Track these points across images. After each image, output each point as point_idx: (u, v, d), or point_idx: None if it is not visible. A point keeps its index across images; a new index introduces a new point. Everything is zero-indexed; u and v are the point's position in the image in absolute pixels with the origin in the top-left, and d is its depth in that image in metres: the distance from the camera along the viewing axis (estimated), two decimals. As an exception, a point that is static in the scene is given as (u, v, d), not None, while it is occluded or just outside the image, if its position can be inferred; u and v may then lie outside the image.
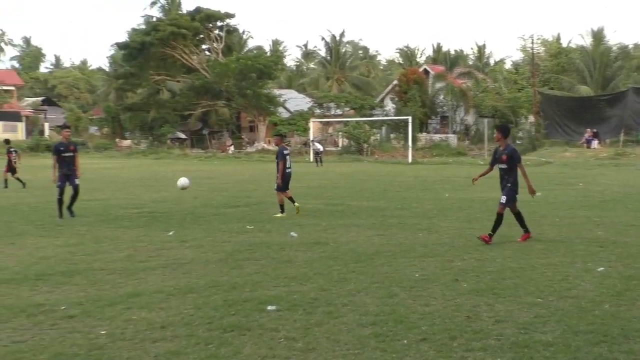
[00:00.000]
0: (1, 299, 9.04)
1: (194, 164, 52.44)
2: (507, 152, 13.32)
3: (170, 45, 72.19)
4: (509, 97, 68.06)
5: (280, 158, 18.67)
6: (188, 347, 6.94)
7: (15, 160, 29.60)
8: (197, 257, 12.09)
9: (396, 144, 64.87)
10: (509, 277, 10.21)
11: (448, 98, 73.03)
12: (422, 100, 69.92)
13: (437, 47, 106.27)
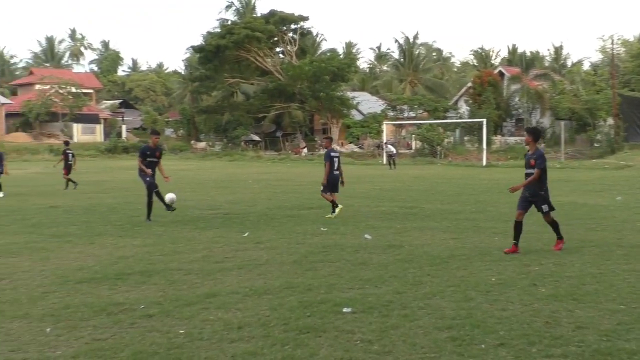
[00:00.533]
0: (82, 297, 9.24)
1: (267, 166, 52.84)
2: (535, 156, 12.80)
3: (244, 48, 72.84)
4: (586, 99, 66.65)
5: (327, 160, 19.12)
6: (264, 347, 6.98)
7: (72, 162, 30.16)
8: (272, 259, 12.16)
9: (470, 147, 64.26)
10: (589, 282, 10.00)
11: (523, 100, 71.96)
12: (496, 102, 69.10)
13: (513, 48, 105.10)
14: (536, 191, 12.74)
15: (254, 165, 55.07)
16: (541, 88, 71.78)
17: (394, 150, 51.46)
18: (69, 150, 30.79)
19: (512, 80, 73.96)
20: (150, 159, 18.26)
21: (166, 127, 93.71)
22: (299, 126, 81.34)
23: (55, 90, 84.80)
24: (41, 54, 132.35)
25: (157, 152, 18.53)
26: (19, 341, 7.27)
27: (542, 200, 12.76)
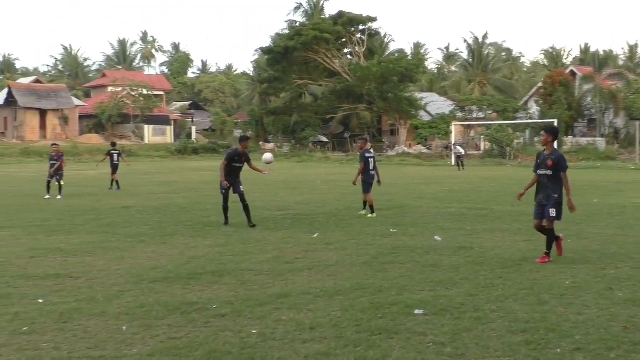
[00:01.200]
0: (156, 296, 9.39)
1: (335, 167, 52.92)
2: (553, 157, 11.89)
3: (313, 49, 73.11)
4: (663, 98, 65.15)
5: (362, 160, 19.75)
6: (337, 348, 6.98)
7: (117, 163, 30.57)
8: (342, 260, 12.17)
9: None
10: (668, 287, 9.75)
11: (596, 100, 70.59)
12: (568, 102, 67.96)
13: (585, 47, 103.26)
14: (550, 194, 11.85)
15: (322, 166, 55.21)
16: (615, 88, 70.36)
17: (463, 151, 51.02)
18: (114, 150, 31.27)
19: (584, 80, 72.62)
20: (235, 164, 17.43)
21: (235, 128, 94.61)
22: (367, 127, 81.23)
23: (127, 92, 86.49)
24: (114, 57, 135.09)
25: (244, 158, 17.64)
26: (97, 339, 7.41)
27: (552, 204, 11.83)
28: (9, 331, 7.71)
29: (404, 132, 74.02)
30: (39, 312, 8.51)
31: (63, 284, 10.27)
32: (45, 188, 26.03)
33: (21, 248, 13.69)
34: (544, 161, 11.99)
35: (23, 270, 11.32)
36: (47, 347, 7.13)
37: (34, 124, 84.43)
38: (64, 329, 7.81)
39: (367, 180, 19.57)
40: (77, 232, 16.11)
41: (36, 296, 9.39)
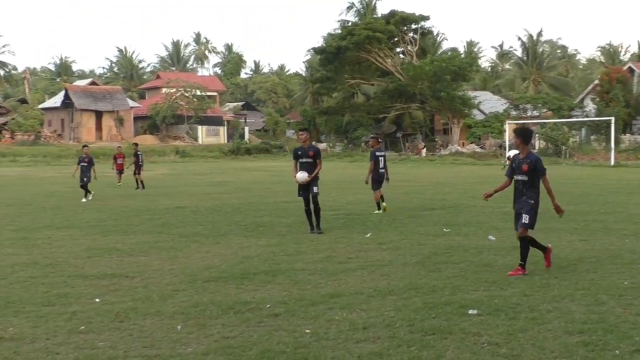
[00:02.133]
0: (210, 295, 9.46)
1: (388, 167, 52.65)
2: (529, 161, 10.95)
3: (365, 49, 72.98)
4: None
5: (372, 159, 20.21)
6: (390, 348, 6.96)
7: (142, 163, 31.55)
8: (395, 260, 12.13)
9: (597, 146, 62.31)
10: None
11: (655, 97, 69.23)
12: (625, 100, 66.79)
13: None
14: (526, 200, 11.01)
15: (375, 165, 54.97)
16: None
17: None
18: (138, 151, 31.90)
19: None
20: (302, 159, 16.05)
21: (287, 128, 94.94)
22: (420, 126, 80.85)
23: (180, 93, 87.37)
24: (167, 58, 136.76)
25: (311, 152, 16.06)
26: (152, 338, 7.49)
27: (527, 210, 10.94)
28: (67, 330, 7.84)
29: (456, 131, 73.47)
30: (95, 311, 8.64)
31: (119, 283, 10.42)
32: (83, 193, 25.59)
33: (78, 248, 13.91)
34: (519, 165, 11.09)
35: (80, 270, 11.50)
36: (104, 345, 7.23)
37: (90, 125, 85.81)
38: (120, 328, 7.92)
39: (376, 179, 20.17)
40: (133, 232, 16.32)
41: (93, 295, 9.54)
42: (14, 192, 29.55)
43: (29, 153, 67.37)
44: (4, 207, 22.63)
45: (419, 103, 75.45)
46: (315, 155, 15.96)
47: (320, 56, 77.48)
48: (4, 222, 18.54)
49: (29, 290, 9.92)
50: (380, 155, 20.58)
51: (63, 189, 31.08)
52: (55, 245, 14.38)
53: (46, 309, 8.83)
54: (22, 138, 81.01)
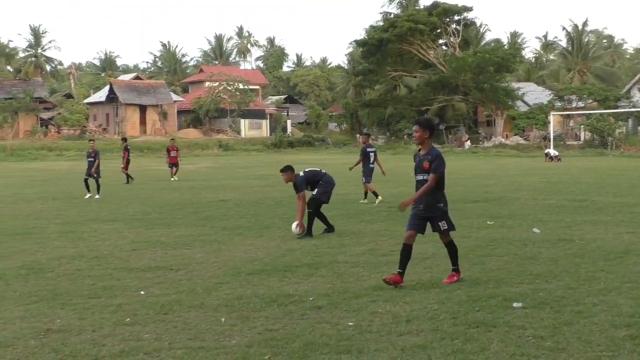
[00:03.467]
0: (254, 288, 9.50)
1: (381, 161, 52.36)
2: (430, 157, 9.63)
3: (407, 41, 72.65)
4: None
5: (362, 155, 21.60)
6: (434, 341, 6.93)
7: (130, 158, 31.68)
8: (438, 252, 12.04)
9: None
10: None
11: None
12: (674, 89, 65.67)
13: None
14: (433, 203, 9.67)
15: (417, 158, 54.69)
16: None
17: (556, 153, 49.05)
18: (128, 146, 32.19)
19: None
20: None
21: (329, 121, 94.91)
22: (463, 119, 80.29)
23: (223, 87, 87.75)
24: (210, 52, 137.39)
25: None
26: (196, 330, 7.55)
27: (440, 215, 9.75)
28: (113, 322, 7.94)
29: (500, 123, 72.82)
30: (140, 304, 8.73)
31: (163, 276, 10.52)
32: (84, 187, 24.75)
33: (123, 241, 14.08)
34: (419, 164, 9.78)
35: (125, 263, 11.64)
36: (149, 337, 7.31)
37: (134, 119, 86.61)
38: (165, 320, 7.99)
39: (367, 173, 21.38)
40: (177, 225, 16.46)
41: (138, 288, 9.64)
42: (60, 186, 29.97)
43: (75, 147, 68.17)
44: (51, 201, 22.97)
45: (462, 95, 74.94)
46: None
47: (363, 48, 77.27)
48: (51, 216, 18.82)
49: (75, 283, 10.06)
50: (371, 151, 21.81)
51: (108, 183, 31.43)
52: (100, 238, 14.57)
53: (92, 301, 8.95)
54: (68, 132, 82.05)
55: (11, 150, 62.83)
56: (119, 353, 6.81)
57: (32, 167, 47.67)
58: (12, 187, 29.09)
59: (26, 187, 28.78)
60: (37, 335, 7.46)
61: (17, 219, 18.24)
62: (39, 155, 61.26)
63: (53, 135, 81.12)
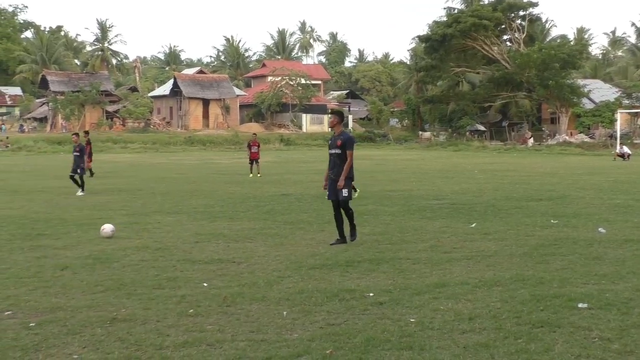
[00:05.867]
0: (315, 282, 9.53)
1: (493, 156, 51.99)
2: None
3: (471, 36, 72.04)
4: None
5: None
6: (497, 340, 6.86)
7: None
8: (500, 250, 11.95)
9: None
10: None
11: None
12: None
13: None
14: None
15: (479, 155, 54.36)
16: None
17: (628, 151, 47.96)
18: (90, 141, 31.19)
19: None
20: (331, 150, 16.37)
21: (391, 117, 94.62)
22: (526, 116, 79.25)
23: (285, 81, 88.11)
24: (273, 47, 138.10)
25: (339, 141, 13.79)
26: (258, 323, 7.60)
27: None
28: (177, 312, 8.04)
29: (564, 121, 71.71)
30: (203, 295, 8.82)
31: (226, 268, 10.61)
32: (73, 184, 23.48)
33: (186, 233, 14.24)
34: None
35: (188, 255, 11.77)
36: (212, 329, 7.38)
37: (197, 113, 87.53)
38: (227, 312, 8.06)
39: None
40: (239, 218, 16.58)
41: (201, 280, 9.74)
42: (125, 178, 30.45)
43: (139, 140, 69.26)
44: (116, 193, 23.35)
45: (525, 92, 74.02)
46: (343, 144, 12.83)
47: (426, 44, 76.89)
48: (116, 207, 19.13)
49: (140, 273, 10.21)
50: None
51: (172, 175, 31.85)
52: (164, 230, 14.76)
53: (156, 291, 9.08)
54: (132, 125, 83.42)
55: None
56: (183, 343, 6.89)
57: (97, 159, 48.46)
58: (79, 179, 29.61)
59: (92, 179, 29.30)
60: (104, 323, 7.60)
61: (83, 210, 18.59)
62: (104, 148, 62.29)
63: (118, 127, 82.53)
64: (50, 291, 9.14)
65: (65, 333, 7.26)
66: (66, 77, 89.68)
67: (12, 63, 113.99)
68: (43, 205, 19.51)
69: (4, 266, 10.83)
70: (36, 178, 30.09)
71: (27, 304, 8.50)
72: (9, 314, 8.06)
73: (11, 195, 22.23)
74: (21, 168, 38.09)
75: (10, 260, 11.32)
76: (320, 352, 6.59)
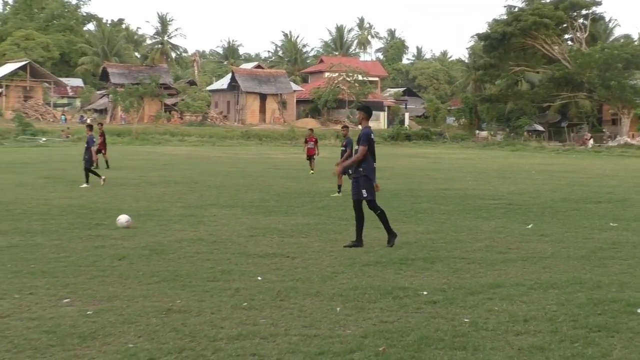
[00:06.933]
0: (369, 279, 9.51)
1: (551, 157, 51.30)
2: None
3: (531, 35, 71.11)
4: None
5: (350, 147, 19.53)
6: (552, 343, 6.77)
7: None
8: (557, 252, 11.79)
9: None
10: None
11: None
12: None
13: None
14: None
15: (537, 156, 53.66)
16: None
17: None
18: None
19: None
20: None
21: (448, 115, 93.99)
22: (586, 116, 77.91)
23: (342, 78, 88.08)
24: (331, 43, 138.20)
25: None
26: (311, 318, 7.62)
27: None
28: (230, 305, 8.09)
29: (626, 122, 70.37)
30: (257, 289, 8.87)
31: (280, 263, 10.66)
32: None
33: (241, 227, 14.33)
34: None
35: (243, 248, 11.85)
36: (265, 322, 7.42)
37: (254, 107, 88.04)
38: (281, 306, 8.10)
39: None
40: (294, 213, 16.63)
41: (255, 273, 9.80)
42: (182, 171, 30.74)
43: (196, 133, 69.81)
44: (173, 185, 23.59)
45: (586, 92, 72.76)
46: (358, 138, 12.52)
47: (485, 42, 76.14)
48: (173, 199, 19.34)
49: (195, 266, 10.31)
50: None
51: (228, 169, 32.07)
52: (219, 223, 14.87)
53: (211, 284, 9.16)
54: (190, 118, 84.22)
55: (136, 134, 64.86)
56: (237, 336, 6.94)
57: (155, 151, 49.12)
58: (137, 170, 30.02)
59: (150, 171, 29.67)
60: (159, 314, 7.70)
61: (140, 200, 18.83)
62: (162, 140, 62.99)
63: (176, 120, 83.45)
64: (108, 280, 9.29)
65: (121, 322, 7.38)
66: (126, 70, 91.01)
67: (75, 55, 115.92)
68: (101, 195, 19.82)
69: (64, 254, 11.04)
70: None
71: (85, 292, 8.66)
72: (67, 302, 8.22)
73: (70, 185, 22.61)
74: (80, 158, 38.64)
75: (70, 249, 11.53)
76: (373, 349, 6.58)
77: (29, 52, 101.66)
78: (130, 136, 64.09)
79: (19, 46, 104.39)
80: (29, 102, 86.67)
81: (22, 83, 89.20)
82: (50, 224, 14.24)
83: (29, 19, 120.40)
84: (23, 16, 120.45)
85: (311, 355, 6.43)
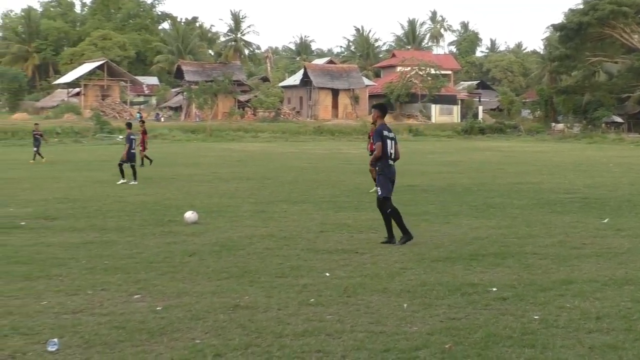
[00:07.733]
0: (438, 275, 9.42)
1: (630, 149, 50.07)
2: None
3: (609, 24, 69.47)
4: None
5: None
6: (626, 342, 6.59)
7: None
8: (634, 248, 11.49)
9: None
10: None
11: None
12: None
13: None
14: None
15: (615, 148, 52.45)
16: None
17: None
18: None
19: None
20: None
21: (522, 108, 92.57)
22: (667, 107, 75.78)
23: (415, 72, 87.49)
24: (403, 37, 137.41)
25: None
26: (378, 314, 7.58)
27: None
28: (298, 301, 8.11)
29: None
30: (325, 285, 8.87)
31: (349, 258, 10.64)
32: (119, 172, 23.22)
33: (311, 223, 14.36)
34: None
35: (312, 244, 11.87)
36: (332, 319, 7.41)
37: (326, 103, 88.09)
38: (348, 302, 8.08)
39: None
40: (364, 209, 16.56)
41: (323, 269, 9.80)
42: (254, 167, 30.98)
43: (269, 129, 70.25)
44: (245, 181, 23.78)
45: (667, 82, 70.81)
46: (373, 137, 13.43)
47: (560, 33, 74.69)
48: (245, 195, 19.50)
49: (264, 261, 10.37)
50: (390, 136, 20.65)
51: (300, 165, 32.19)
52: (290, 219, 14.93)
53: (279, 280, 9.19)
54: (263, 115, 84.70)
55: (210, 131, 65.59)
56: (302, 332, 6.95)
57: (229, 147, 49.61)
58: (210, 167, 30.38)
59: (223, 167, 29.97)
60: (226, 310, 7.76)
61: (213, 197, 19.03)
62: (236, 137, 63.57)
63: (249, 117, 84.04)
64: (178, 276, 9.41)
65: (189, 318, 7.46)
66: (200, 67, 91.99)
67: (150, 53, 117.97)
68: (174, 192, 20.12)
69: (137, 250, 11.24)
70: (169, 165, 31.01)
71: (155, 288, 8.79)
72: (138, 297, 8.35)
73: (144, 182, 22.98)
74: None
75: (143, 245, 11.72)
76: (439, 346, 6.51)
77: (106, 51, 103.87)
78: (205, 133, 64.85)
79: (97, 46, 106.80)
80: (106, 101, 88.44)
81: (100, 82, 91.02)
82: (124, 221, 14.52)
83: (106, 19, 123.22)
84: (100, 17, 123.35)
85: (376, 353, 6.39)
